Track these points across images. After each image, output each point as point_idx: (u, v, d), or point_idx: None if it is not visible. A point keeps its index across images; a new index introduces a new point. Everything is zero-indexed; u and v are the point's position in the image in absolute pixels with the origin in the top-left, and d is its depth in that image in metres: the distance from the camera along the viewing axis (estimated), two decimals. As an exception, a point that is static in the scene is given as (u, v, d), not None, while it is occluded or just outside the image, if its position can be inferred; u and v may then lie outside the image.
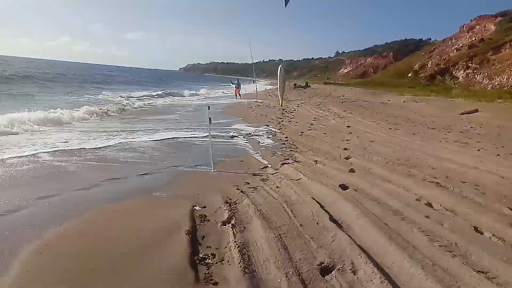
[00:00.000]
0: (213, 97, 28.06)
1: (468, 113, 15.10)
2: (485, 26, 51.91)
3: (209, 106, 5.64)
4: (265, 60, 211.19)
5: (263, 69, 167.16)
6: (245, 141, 8.64)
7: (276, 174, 5.47)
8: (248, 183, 4.95)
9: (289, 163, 6.12)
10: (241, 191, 4.57)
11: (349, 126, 10.62)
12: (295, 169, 5.58)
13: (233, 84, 26.49)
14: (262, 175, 5.43)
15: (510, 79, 33.08)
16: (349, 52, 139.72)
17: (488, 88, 33.45)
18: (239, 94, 24.58)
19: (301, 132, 9.75)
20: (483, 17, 54.06)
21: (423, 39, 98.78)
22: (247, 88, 37.04)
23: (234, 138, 9.02)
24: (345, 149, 7.35)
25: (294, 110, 15.46)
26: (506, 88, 31.31)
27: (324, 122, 11.76)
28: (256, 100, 20.93)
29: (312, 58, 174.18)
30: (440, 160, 6.06)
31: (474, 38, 49.58)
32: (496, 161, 6.03)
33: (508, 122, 12.27)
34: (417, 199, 4.09)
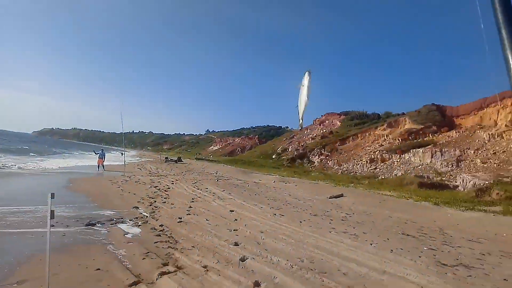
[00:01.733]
0: (68, 167, 23.74)
1: (336, 197, 15.91)
2: (332, 121, 61.47)
3: (53, 194, 3.58)
4: (134, 131, 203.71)
5: (132, 140, 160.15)
6: (106, 231, 6.48)
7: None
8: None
9: (169, 271, 4.37)
10: None
11: (233, 211, 9.44)
12: (180, 286, 3.88)
13: (96, 153, 23.19)
14: (131, 303, 3.53)
15: (354, 166, 38.38)
16: (219, 131, 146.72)
17: (338, 173, 37.91)
18: (103, 166, 21.44)
19: (180, 218, 8.07)
20: (331, 114, 64.25)
21: (282, 127, 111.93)
22: (112, 158, 33.42)
23: (91, 226, 6.73)
24: (236, 244, 6.00)
25: (169, 188, 13.64)
26: (352, 173, 36.09)
27: (204, 204, 10.33)
28: (123, 173, 18.33)
29: (184, 133, 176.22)
30: (345, 261, 5.24)
31: (325, 130, 57.71)
32: (397, 261, 5.53)
33: (370, 208, 13.10)
34: None
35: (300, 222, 8.54)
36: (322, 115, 65.81)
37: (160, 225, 7.22)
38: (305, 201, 13.56)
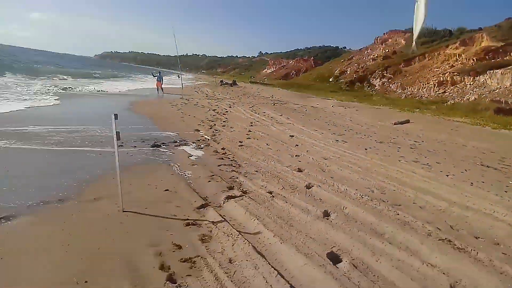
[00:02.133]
0: (129, 91, 24.69)
1: (401, 123, 14.97)
2: (396, 40, 56.07)
3: (116, 115, 3.46)
4: (188, 54, 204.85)
5: (186, 64, 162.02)
6: (171, 152, 6.62)
7: (221, 224, 3.60)
8: (180, 248, 3.02)
9: (235, 196, 4.32)
10: (168, 279, 2.62)
11: (293, 136, 9.20)
12: (248, 211, 3.82)
13: (154, 76, 23.57)
14: (201, 224, 3.53)
15: (419, 90, 35.59)
16: (272, 53, 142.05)
17: (402, 97, 35.55)
18: (161, 88, 21.88)
19: (240, 142, 8.03)
20: (394, 32, 58.43)
21: (340, 47, 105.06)
22: (170, 81, 34.19)
23: (156, 148, 6.91)
24: (299, 170, 5.82)
25: (227, 111, 13.65)
26: (417, 98, 33.63)
27: (263, 129, 10.19)
28: (181, 96, 18.68)
29: (236, 56, 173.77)
30: (421, 193, 4.84)
31: (387, 50, 53.08)
32: (480, 195, 5.01)
33: (441, 135, 12.15)
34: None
35: (366, 149, 8.10)
36: (384, 33, 60.12)
37: (222, 148, 7.23)
38: (368, 127, 12.89)
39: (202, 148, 7.25)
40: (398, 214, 3.95)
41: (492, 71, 29.75)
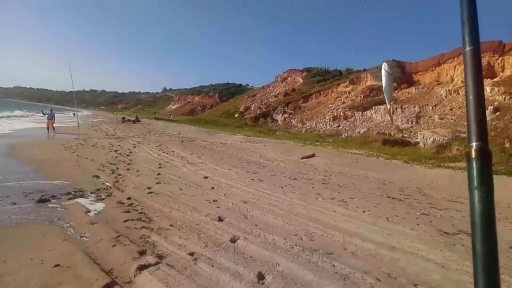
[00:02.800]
0: (12, 130, 21.27)
1: (307, 157, 15.58)
2: (294, 78, 60.77)
3: None
4: (85, 90, 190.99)
5: (83, 100, 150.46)
6: (63, 208, 5.45)
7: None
8: None
9: (149, 264, 3.52)
10: None
11: (207, 177, 8.63)
12: (167, 285, 3.08)
13: (44, 114, 20.85)
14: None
15: (317, 124, 38.60)
16: (176, 89, 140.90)
17: (302, 131, 37.94)
18: (53, 128, 19.36)
19: (149, 188, 7.13)
20: (293, 70, 63.40)
21: (243, 84, 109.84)
22: (64, 119, 30.77)
23: (43, 203, 5.64)
24: (220, 219, 5.25)
25: (131, 152, 12.43)
26: (315, 131, 36.27)
27: (174, 170, 9.40)
28: (77, 136, 16.67)
29: (139, 91, 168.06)
30: (348, 236, 4.69)
31: (287, 88, 56.99)
32: (399, 232, 5.10)
33: (344, 167, 12.88)
34: None
35: (282, 188, 7.95)
36: (284, 72, 64.77)
37: (127, 198, 6.26)
38: (278, 162, 13.03)
39: (103, 199, 6.17)
40: (335, 266, 3.64)
41: (376, 106, 33.88)
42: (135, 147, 14.01)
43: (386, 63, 5.95)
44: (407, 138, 25.04)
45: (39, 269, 3.28)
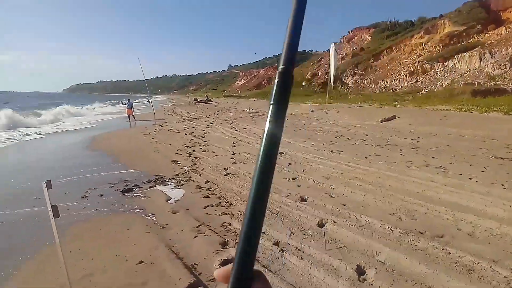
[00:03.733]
0: (95, 123, 23.17)
1: (388, 120, 14.31)
2: (361, 36, 56.68)
3: (48, 183, 2.37)
4: (158, 76, 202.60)
5: (157, 86, 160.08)
6: (145, 197, 5.50)
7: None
8: None
9: (232, 258, 3.26)
10: None
11: (282, 153, 8.23)
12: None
13: (123, 104, 22.21)
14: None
15: (392, 83, 35.67)
16: (241, 65, 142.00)
17: (376, 92, 35.45)
18: (133, 116, 20.55)
19: (225, 169, 6.97)
20: (359, 29, 59.10)
21: (306, 51, 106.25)
22: (142, 106, 32.78)
23: (127, 193, 5.77)
24: (302, 199, 4.82)
25: (205, 133, 12.55)
26: (391, 90, 33.58)
27: (248, 148, 9.17)
28: (154, 122, 17.48)
29: (207, 72, 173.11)
30: (458, 212, 3.92)
31: (355, 48, 53.46)
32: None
33: (433, 127, 11.48)
34: None
35: (366, 157, 7.21)
36: (349, 31, 60.71)
37: (205, 182, 6.16)
38: (356, 129, 12.10)
39: (182, 185, 6.14)
40: (450, 253, 2.98)
41: (459, 55, 29.97)
42: (208, 127, 14.16)
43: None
44: (502, 86, 21.74)
45: (124, 266, 3.19)
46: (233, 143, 10.09)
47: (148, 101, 22.13)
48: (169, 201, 5.26)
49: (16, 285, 3.00)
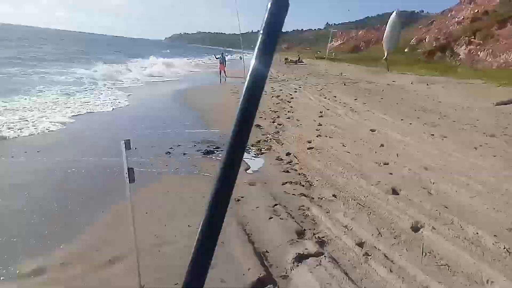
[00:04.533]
0: (188, 76, 24.09)
1: (506, 103, 12.11)
2: (488, -2, 48.42)
3: (127, 142, 2.27)
4: (253, 31, 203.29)
5: (251, 41, 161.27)
6: (224, 162, 5.42)
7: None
8: None
9: (308, 254, 2.89)
10: None
11: (374, 130, 7.46)
12: (330, 295, 2.43)
13: (216, 58, 22.49)
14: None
15: (517, 57, 30.30)
16: (340, 24, 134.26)
17: (493, 67, 30.54)
18: (224, 72, 20.76)
19: (309, 142, 6.56)
20: (487, -12, 50.41)
21: (416, 11, 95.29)
22: (235, 63, 33.23)
23: (209, 155, 5.78)
24: (394, 191, 4.22)
25: (292, 98, 12.10)
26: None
27: (336, 120, 8.55)
28: (244, 80, 17.49)
29: (302, 29, 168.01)
30: None
31: (477, 11, 45.96)
32: None
33: None
34: None
35: (476, 148, 6.12)
36: (473, -11, 52.23)
37: (287, 154, 5.85)
38: (464, 110, 10.49)
39: (262, 153, 5.94)
40: None
41: None
42: (296, 91, 13.65)
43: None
44: None
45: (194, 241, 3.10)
46: (320, 112, 9.51)
47: (240, 57, 21.95)
48: (247, 171, 5.10)
49: (82, 245, 3.12)
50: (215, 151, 5.97)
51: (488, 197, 4.02)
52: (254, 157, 5.79)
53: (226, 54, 21.68)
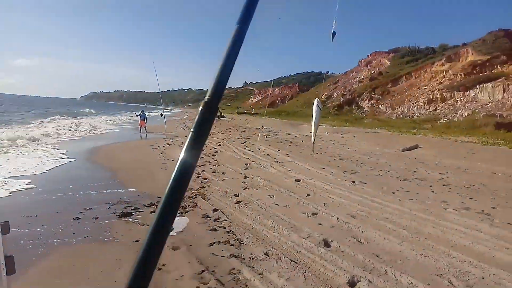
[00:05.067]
0: (105, 133, 22.78)
1: (409, 149, 13.49)
2: (380, 61, 56.21)
3: (3, 224, 1.75)
4: (174, 89, 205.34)
5: (172, 98, 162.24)
6: (144, 225, 4.81)
7: None
8: None
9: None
10: None
11: (299, 180, 7.50)
12: None
13: (137, 115, 21.69)
14: None
15: (410, 109, 34.90)
16: (256, 82, 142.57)
17: (393, 118, 34.63)
18: (145, 128, 20.03)
19: (236, 196, 6.27)
20: (378, 53, 58.71)
21: (323, 72, 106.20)
22: (154, 118, 32.47)
23: (125, 218, 5.10)
24: (326, 243, 4.08)
25: (216, 151, 11.89)
26: (408, 117, 32.74)
27: (261, 172, 8.47)
28: (165, 136, 16.96)
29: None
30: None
31: (373, 71, 52.95)
32: None
33: (460, 161, 10.64)
34: None
35: (393, 193, 6.44)
36: (368, 55, 60.38)
37: (213, 210, 5.45)
38: (377, 157, 11.32)
39: (187, 212, 5.45)
40: None
41: (482, 85, 29.09)
42: (220, 145, 13.53)
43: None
44: (528, 120, 20.87)
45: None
46: (246, 164, 9.41)
47: (161, 114, 21.59)
48: (170, 232, 4.55)
49: None
50: (133, 213, 5.32)
51: (414, 242, 4.08)
52: (177, 216, 5.25)
53: (143, 111, 21.22)
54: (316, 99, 6.14)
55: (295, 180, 7.53)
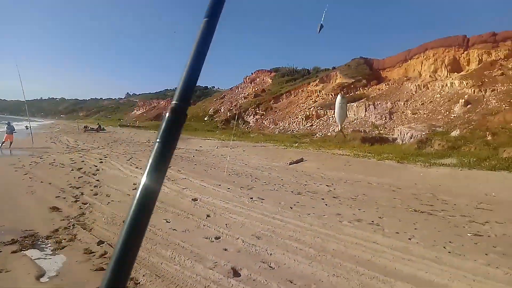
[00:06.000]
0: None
1: (296, 162, 14.35)
2: (263, 78, 59.83)
3: None
4: (43, 98, 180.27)
5: (41, 109, 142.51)
6: (3, 271, 3.76)
7: None
8: None
9: None
10: None
11: (196, 200, 7.06)
12: None
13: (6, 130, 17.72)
14: None
15: (290, 125, 37.78)
16: (140, 94, 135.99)
17: (275, 132, 36.93)
18: (11, 142, 16.64)
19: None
20: (261, 71, 62.39)
21: (209, 87, 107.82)
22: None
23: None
24: (235, 272, 3.78)
25: (97, 169, 10.51)
26: (289, 132, 35.39)
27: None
28: (32, 152, 14.41)
29: (101, 98, 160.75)
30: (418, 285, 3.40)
31: (257, 88, 55.86)
32: (474, 271, 3.86)
33: (340, 173, 11.76)
34: None
35: (291, 208, 6.57)
36: (252, 73, 63.56)
37: (98, 243, 4.62)
38: (269, 171, 11.65)
39: (63, 247, 4.50)
40: None
41: (348, 104, 33.36)
42: (101, 162, 12.06)
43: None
44: (384, 135, 24.64)
45: None
46: (134, 184, 8.51)
47: (26, 127, 18.28)
48: (40, 278, 3.64)
49: None
50: (-13, 257, 4.13)
51: (323, 261, 4.09)
52: (50, 255, 4.29)
53: (9, 123, 17.79)
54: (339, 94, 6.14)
55: (192, 199, 7.08)
